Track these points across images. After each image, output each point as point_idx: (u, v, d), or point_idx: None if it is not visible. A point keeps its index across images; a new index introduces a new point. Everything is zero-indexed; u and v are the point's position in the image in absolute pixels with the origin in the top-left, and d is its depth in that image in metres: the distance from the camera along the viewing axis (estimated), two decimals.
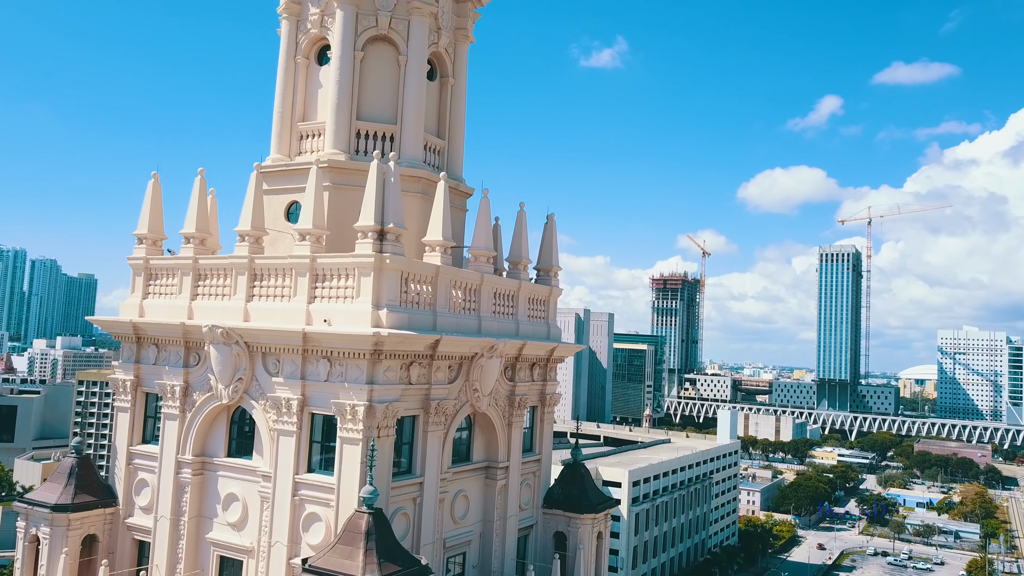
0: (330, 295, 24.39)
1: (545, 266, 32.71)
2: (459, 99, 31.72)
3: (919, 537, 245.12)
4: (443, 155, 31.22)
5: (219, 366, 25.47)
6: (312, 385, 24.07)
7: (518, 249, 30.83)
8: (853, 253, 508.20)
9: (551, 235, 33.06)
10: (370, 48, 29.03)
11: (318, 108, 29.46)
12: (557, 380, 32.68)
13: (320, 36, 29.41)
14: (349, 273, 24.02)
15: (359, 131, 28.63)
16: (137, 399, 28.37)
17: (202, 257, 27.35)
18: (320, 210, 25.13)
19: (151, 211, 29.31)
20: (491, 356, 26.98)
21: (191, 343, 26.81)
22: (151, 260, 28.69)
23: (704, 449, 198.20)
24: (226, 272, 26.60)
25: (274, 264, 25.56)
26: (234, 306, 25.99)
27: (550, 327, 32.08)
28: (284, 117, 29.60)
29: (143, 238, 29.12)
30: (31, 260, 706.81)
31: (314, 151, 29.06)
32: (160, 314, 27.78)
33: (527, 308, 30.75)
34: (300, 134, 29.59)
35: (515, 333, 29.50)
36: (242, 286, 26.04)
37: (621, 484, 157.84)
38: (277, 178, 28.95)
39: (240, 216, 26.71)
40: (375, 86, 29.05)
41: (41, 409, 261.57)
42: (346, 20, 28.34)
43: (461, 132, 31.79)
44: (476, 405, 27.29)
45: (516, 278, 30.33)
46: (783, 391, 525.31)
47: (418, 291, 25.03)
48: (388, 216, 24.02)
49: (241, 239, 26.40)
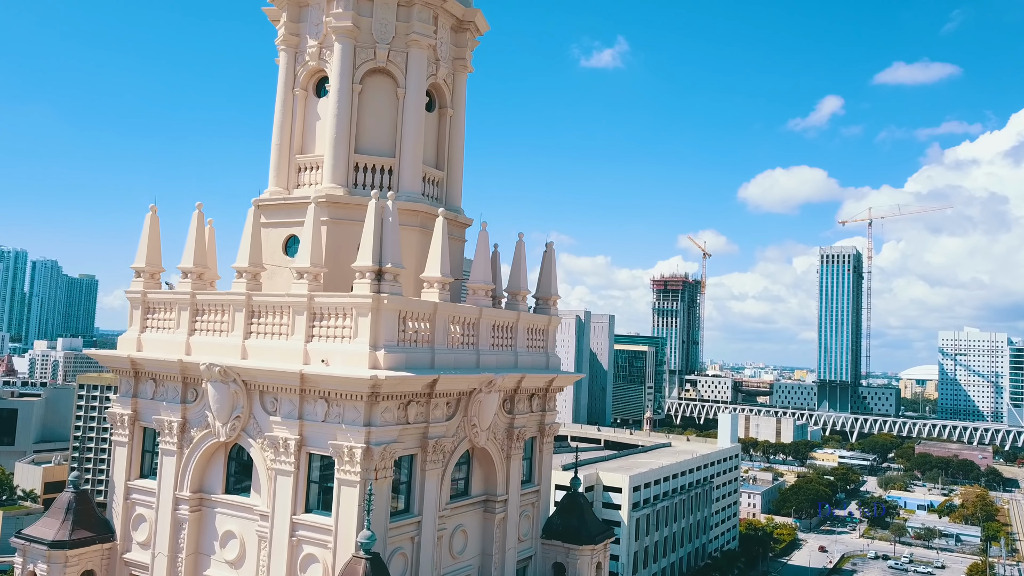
0: (328, 334, 24.30)
1: (544, 295, 32.64)
2: (458, 129, 31.63)
3: (920, 540, 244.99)
4: (442, 186, 31.15)
5: (216, 404, 25.39)
6: (310, 425, 23.99)
7: (516, 280, 30.74)
8: (854, 254, 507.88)
9: (550, 263, 32.99)
10: (368, 80, 28.95)
11: (316, 141, 29.38)
12: (556, 409, 32.57)
13: (318, 68, 29.33)
14: (347, 313, 23.93)
15: (357, 164, 28.56)
16: (135, 433, 28.28)
17: (200, 292, 27.26)
18: (318, 248, 25.04)
19: (149, 244, 29.22)
20: (489, 391, 26.89)
21: (189, 379, 26.73)
22: (149, 294, 28.61)
23: (705, 453, 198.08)
24: (224, 308, 26.52)
25: (272, 302, 25.47)
26: (232, 343, 25.90)
27: (549, 357, 32.00)
28: (282, 149, 29.52)
29: (141, 271, 29.03)
30: (32, 261, 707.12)
31: (312, 184, 28.99)
32: (158, 349, 27.70)
33: (526, 338, 30.66)
34: (298, 166, 29.52)
35: (514, 365, 29.41)
36: (240, 323, 25.95)
37: (622, 490, 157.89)
38: (275, 211, 28.87)
39: (238, 252, 26.61)
40: (374, 119, 28.97)
41: (42, 412, 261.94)
42: (344, 53, 28.24)
43: (460, 162, 31.71)
44: (474, 440, 27.21)
45: (515, 309, 30.24)
46: (784, 392, 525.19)
47: (416, 329, 24.95)
48: (386, 256, 23.93)
49: (239, 275, 26.31)
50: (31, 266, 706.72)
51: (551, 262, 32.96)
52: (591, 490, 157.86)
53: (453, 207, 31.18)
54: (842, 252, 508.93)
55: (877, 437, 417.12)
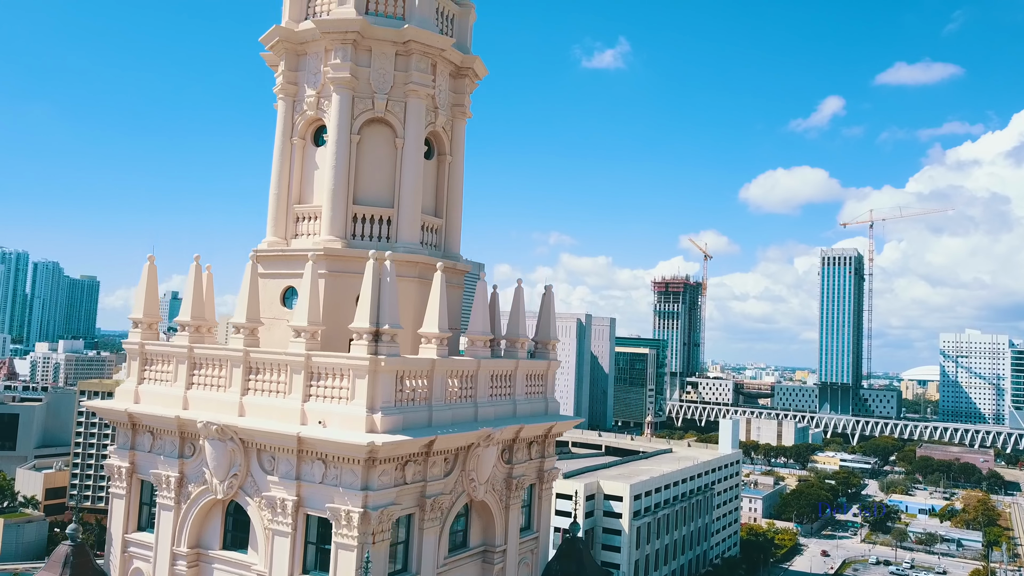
0: (326, 394, 24.22)
1: (543, 339, 32.55)
2: (457, 176, 31.54)
3: (921, 545, 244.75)
4: (440, 233, 31.06)
5: (214, 461, 25.32)
6: (307, 486, 23.90)
7: (516, 327, 30.63)
8: (855, 256, 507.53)
9: (549, 307, 32.89)
10: (366, 130, 28.85)
11: (314, 191, 29.29)
12: (555, 455, 32.48)
13: (316, 118, 29.23)
14: (344, 373, 23.85)
15: (356, 215, 28.47)
16: (132, 486, 28.20)
17: (197, 346, 27.17)
18: (316, 306, 24.96)
19: (147, 295, 29.15)
20: (488, 445, 26.81)
21: (186, 434, 26.64)
22: (147, 345, 28.53)
23: (706, 460, 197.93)
24: (222, 364, 26.44)
25: (270, 359, 25.39)
26: (229, 399, 25.82)
27: (548, 402, 31.90)
28: (280, 199, 29.44)
29: (138, 322, 28.95)
30: (33, 262, 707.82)
31: (310, 234, 28.92)
32: (155, 402, 27.61)
33: (525, 385, 30.57)
34: (296, 216, 29.44)
35: (512, 414, 29.32)
36: (238, 379, 25.87)
37: (622, 498, 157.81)
38: (273, 262, 28.80)
39: (236, 306, 26.53)
40: (372, 169, 28.88)
41: (43, 417, 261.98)
42: (342, 104, 28.15)
43: (459, 208, 31.62)
44: (473, 494, 27.12)
45: (514, 356, 30.14)
46: (785, 394, 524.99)
47: (413, 387, 24.85)
48: (384, 317, 23.84)
49: (236, 330, 26.22)
50: (32, 267, 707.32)
51: (550, 306, 32.86)
52: (592, 499, 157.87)
53: (452, 254, 31.09)
54: (843, 254, 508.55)
55: (878, 440, 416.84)
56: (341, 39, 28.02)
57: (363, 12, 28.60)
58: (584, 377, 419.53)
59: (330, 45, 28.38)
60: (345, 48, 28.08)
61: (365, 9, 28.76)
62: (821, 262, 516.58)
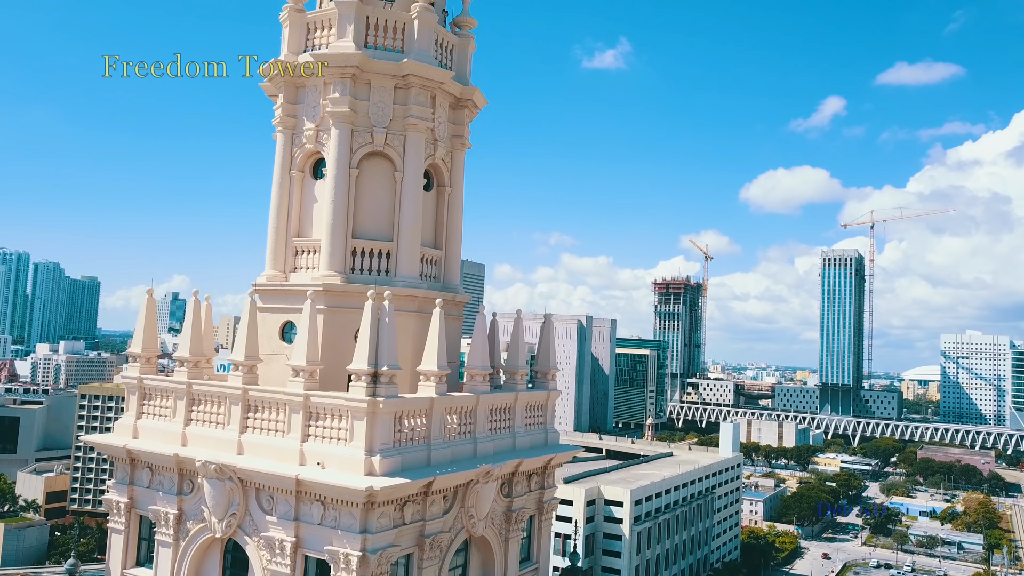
0: (324, 435, 24.15)
1: (543, 368, 32.47)
2: (456, 206, 31.46)
3: (922, 548, 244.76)
4: (440, 264, 30.98)
5: (212, 500, 25.25)
6: (306, 527, 23.84)
7: (515, 359, 30.54)
8: (856, 257, 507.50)
9: (548, 336, 32.82)
10: (365, 164, 28.76)
11: (313, 224, 29.21)
12: (555, 485, 32.41)
13: (315, 151, 29.15)
14: (343, 415, 23.78)
15: (355, 249, 28.38)
16: (131, 521, 28.13)
17: (196, 383, 27.12)
18: (314, 346, 24.89)
19: (145, 329, 29.10)
20: (487, 481, 26.74)
21: (185, 471, 26.58)
22: (145, 380, 28.47)
23: (706, 464, 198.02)
24: (220, 400, 26.38)
25: (268, 398, 25.33)
26: (228, 437, 25.76)
27: (548, 432, 31.82)
28: (279, 232, 29.36)
29: (137, 356, 28.90)
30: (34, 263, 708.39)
31: (309, 268, 28.84)
32: (154, 437, 27.55)
33: (524, 417, 30.49)
34: (295, 249, 29.36)
35: (512, 447, 29.25)
36: (236, 417, 25.81)
37: (623, 503, 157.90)
38: (272, 296, 28.74)
39: (234, 343, 26.46)
40: (371, 202, 28.79)
41: (44, 420, 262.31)
42: (341, 138, 28.07)
43: (458, 240, 31.52)
44: (472, 530, 27.05)
45: (513, 388, 30.06)
46: (786, 396, 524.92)
47: (412, 426, 24.78)
48: (382, 359, 23.77)
49: (235, 368, 26.15)
50: (33, 268, 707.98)
51: (549, 335, 32.79)
52: (593, 504, 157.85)
53: (451, 285, 31.03)
54: (844, 255, 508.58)
55: (879, 441, 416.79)
56: (340, 73, 27.93)
57: (362, 46, 28.49)
58: (585, 379, 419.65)
59: (329, 79, 28.29)
60: (344, 82, 27.99)
61: (364, 42, 28.65)
62: (822, 263, 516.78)
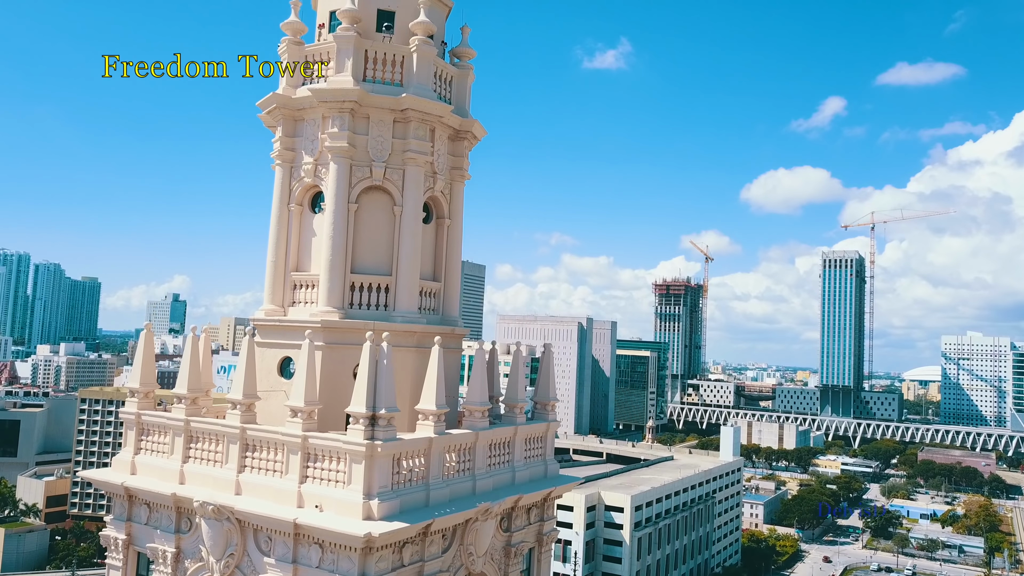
0: (323, 476, 24.06)
1: (542, 400, 32.37)
2: (455, 238, 31.36)
3: (923, 551, 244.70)
4: (438, 297, 30.89)
5: (210, 540, 25.18)
6: (304, 570, 23.73)
7: (514, 392, 30.44)
8: (856, 259, 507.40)
9: (548, 367, 32.72)
10: (364, 198, 28.66)
11: (312, 259, 29.12)
12: (555, 516, 32.31)
13: (313, 184, 29.06)
14: (341, 457, 23.69)
15: (353, 284, 28.29)
16: (129, 558, 28.03)
17: (194, 420, 27.01)
18: (312, 386, 24.78)
19: (144, 364, 29.00)
20: (486, 519, 26.66)
21: (183, 510, 26.50)
22: (143, 416, 28.38)
23: (707, 469, 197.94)
24: (218, 439, 26.29)
25: (266, 438, 25.23)
26: (226, 477, 25.66)
27: (547, 464, 31.74)
28: (277, 266, 29.28)
29: (135, 391, 28.80)
30: (35, 264, 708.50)
31: (308, 303, 28.76)
32: (152, 474, 27.47)
33: (524, 450, 30.39)
34: (294, 284, 29.27)
35: (511, 482, 29.16)
36: (234, 456, 25.71)
37: (624, 509, 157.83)
38: (270, 332, 28.66)
39: (232, 382, 26.38)
40: (370, 237, 28.70)
41: (44, 423, 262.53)
42: (340, 173, 27.97)
43: (457, 271, 31.44)
44: (471, 567, 26.94)
45: (512, 422, 29.96)
46: (786, 397, 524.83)
47: (410, 467, 24.68)
48: (380, 401, 23.68)
49: (233, 407, 26.06)
50: (34, 269, 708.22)
51: (549, 366, 32.68)
52: (594, 510, 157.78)
53: (450, 317, 30.93)
54: (844, 256, 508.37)
55: (880, 443, 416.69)
56: (339, 108, 27.84)
57: (360, 80, 28.39)
58: (585, 381, 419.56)
59: (328, 113, 28.20)
60: (343, 117, 27.90)
61: (363, 76, 28.55)
62: (822, 264, 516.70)
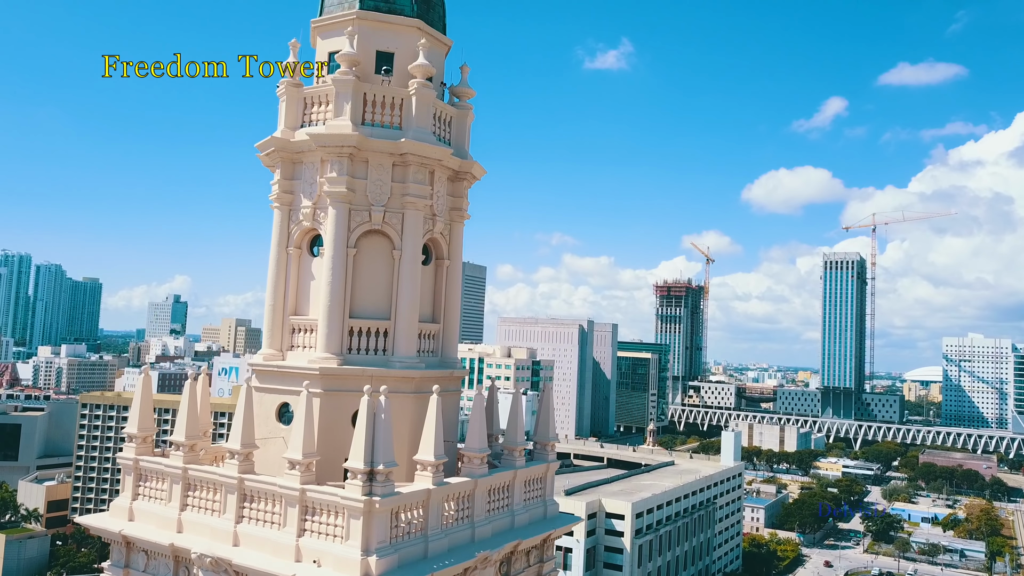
0: (320, 530, 23.94)
1: (542, 440, 32.21)
2: (454, 279, 31.22)
3: (924, 556, 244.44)
4: (437, 338, 30.73)
5: None
6: None
7: (514, 435, 30.27)
8: (857, 260, 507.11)
9: (548, 406, 32.56)
10: (363, 242, 28.52)
11: (310, 303, 28.98)
12: (555, 555, 32.18)
13: (312, 228, 28.92)
14: (339, 512, 23.58)
15: (352, 329, 28.14)
16: None
17: (192, 468, 26.90)
18: (311, 438, 24.64)
19: (141, 409, 28.87)
20: (485, 567, 26.54)
21: (180, 559, 26.40)
22: (141, 461, 28.27)
23: (708, 474, 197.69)
24: (216, 488, 26.18)
25: (264, 489, 25.11)
26: (223, 527, 25.55)
27: (547, 505, 31.57)
28: (276, 310, 29.14)
29: (133, 436, 28.69)
30: (36, 265, 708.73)
31: (306, 347, 28.62)
32: (150, 521, 27.37)
33: (523, 493, 30.23)
34: (292, 327, 29.12)
35: (510, 526, 29.01)
36: (232, 506, 25.59)
37: (624, 516, 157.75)
38: (269, 377, 28.53)
39: (230, 430, 26.26)
40: (369, 281, 28.55)
41: (45, 427, 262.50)
42: (339, 218, 27.83)
43: (456, 312, 31.29)
44: None
45: (512, 466, 29.82)
46: (788, 399, 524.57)
47: (409, 519, 24.56)
48: (378, 456, 23.55)
49: (231, 456, 25.94)
50: (35, 270, 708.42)
51: (549, 405, 32.52)
52: (594, 517, 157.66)
53: (449, 359, 30.78)
54: (845, 258, 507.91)
55: (881, 445, 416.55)
56: (337, 153, 27.70)
57: (359, 123, 28.25)
58: (586, 384, 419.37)
59: (326, 157, 28.06)
60: (342, 161, 27.77)
61: (361, 119, 28.40)
62: (823, 266, 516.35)
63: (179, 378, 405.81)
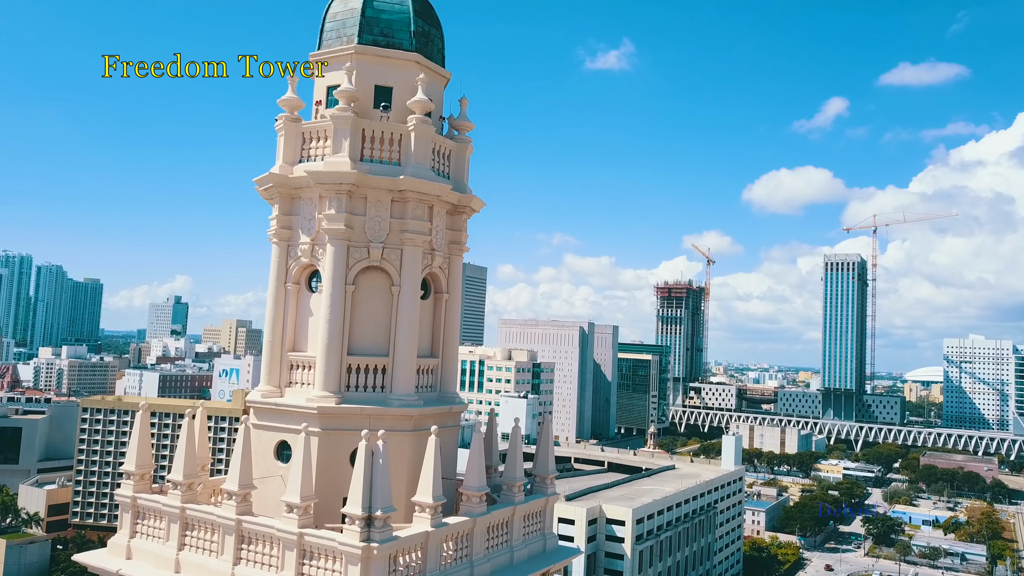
0: (319, 575, 23.84)
1: (541, 473, 32.09)
2: (453, 312, 31.10)
3: (925, 559, 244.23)
4: (436, 373, 30.60)
5: None
6: None
7: (513, 471, 30.15)
8: (858, 261, 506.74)
9: (547, 439, 32.44)
10: (361, 278, 28.40)
11: (308, 339, 28.87)
12: None
13: (310, 264, 28.81)
14: (336, 557, 23.48)
15: (350, 366, 28.02)
16: None
17: (189, 507, 26.78)
18: (308, 480, 24.53)
19: (139, 445, 28.75)
20: None
21: None
22: (139, 499, 28.16)
23: (709, 479, 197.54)
24: (214, 528, 26.07)
25: (262, 532, 25.00)
26: (221, 569, 25.43)
27: (546, 538, 31.46)
28: (274, 346, 29.03)
29: (131, 474, 28.58)
30: (37, 266, 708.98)
31: (304, 383, 28.51)
32: (147, 560, 27.26)
33: (522, 528, 30.12)
34: (290, 364, 29.02)
35: (509, 563, 28.89)
36: (229, 547, 25.49)
37: (625, 522, 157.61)
38: (267, 414, 28.42)
39: (228, 471, 26.17)
40: (367, 317, 28.44)
41: (46, 430, 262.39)
42: (337, 254, 27.71)
43: (455, 346, 31.17)
44: None
45: (511, 502, 29.70)
46: (788, 400, 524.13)
47: (407, 562, 24.46)
48: (376, 502, 23.45)
49: (228, 496, 25.83)
50: (36, 271, 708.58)
51: (548, 438, 32.41)
52: (595, 523, 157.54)
53: (447, 394, 30.67)
54: (846, 259, 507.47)
55: (882, 447, 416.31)
56: (336, 190, 27.59)
57: (358, 159, 28.13)
58: (587, 386, 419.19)
59: (325, 194, 27.95)
60: (340, 198, 27.66)
61: (360, 156, 28.28)
62: (824, 267, 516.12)
63: (180, 379, 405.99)
